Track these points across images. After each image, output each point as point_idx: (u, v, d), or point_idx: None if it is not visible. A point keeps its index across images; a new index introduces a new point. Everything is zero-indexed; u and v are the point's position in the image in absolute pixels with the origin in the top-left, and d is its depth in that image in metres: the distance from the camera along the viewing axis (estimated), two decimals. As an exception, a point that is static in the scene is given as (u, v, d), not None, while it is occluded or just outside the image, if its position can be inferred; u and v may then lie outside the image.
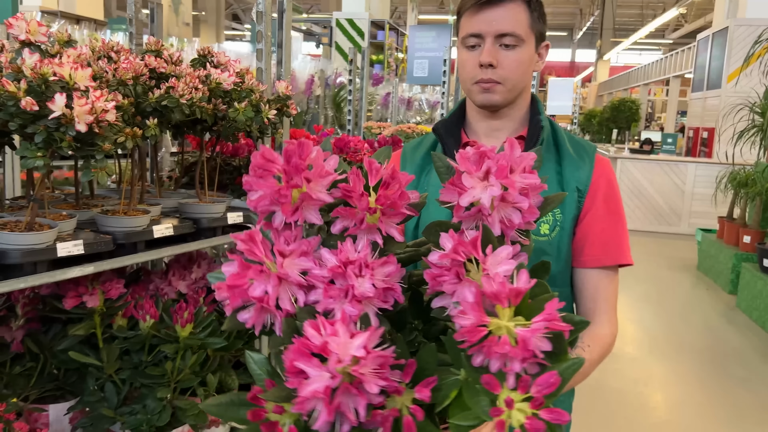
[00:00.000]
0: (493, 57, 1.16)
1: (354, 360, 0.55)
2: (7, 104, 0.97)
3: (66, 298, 1.37)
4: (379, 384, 0.57)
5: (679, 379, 4.03)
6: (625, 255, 1.25)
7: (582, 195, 1.22)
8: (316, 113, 4.59)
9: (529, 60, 1.20)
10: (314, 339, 0.57)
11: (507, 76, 1.18)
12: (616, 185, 1.27)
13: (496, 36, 1.16)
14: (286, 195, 0.64)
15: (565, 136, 1.27)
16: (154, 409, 1.46)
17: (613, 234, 1.23)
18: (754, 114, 5.37)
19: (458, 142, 1.28)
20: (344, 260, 0.65)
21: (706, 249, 6.54)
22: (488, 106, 1.23)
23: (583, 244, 1.22)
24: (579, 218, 1.23)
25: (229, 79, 1.41)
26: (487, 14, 1.16)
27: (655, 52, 26.52)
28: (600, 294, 1.23)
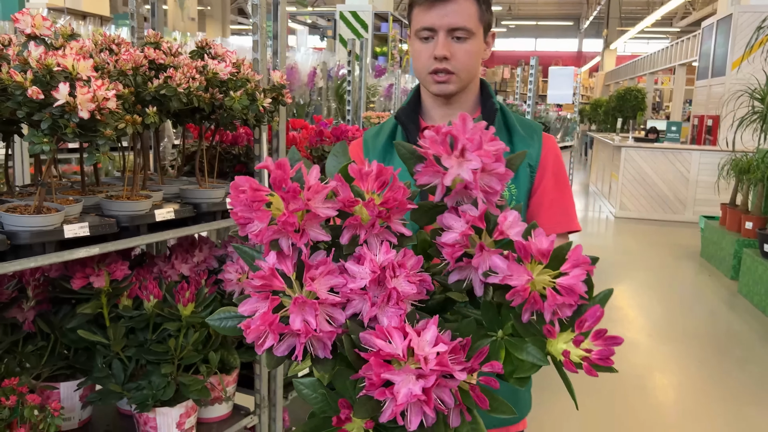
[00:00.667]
0: (447, 49, 1.25)
1: (437, 355, 0.59)
2: (15, 93, 1.05)
3: (74, 279, 1.45)
4: (461, 369, 0.61)
5: (679, 361, 4.08)
6: (574, 222, 1.36)
7: (533, 170, 1.33)
8: (319, 105, 4.65)
9: (478, 50, 1.30)
10: (389, 348, 0.59)
11: (460, 66, 1.27)
12: (562, 160, 1.38)
13: (449, 30, 1.25)
14: (292, 222, 0.64)
15: (514, 117, 1.38)
16: (159, 385, 1.54)
17: (562, 204, 1.35)
18: (755, 100, 5.38)
19: (418, 128, 1.37)
20: (376, 268, 0.66)
21: (709, 236, 6.57)
22: (443, 95, 1.32)
23: (536, 214, 1.33)
24: (532, 191, 1.34)
25: (225, 69, 1.48)
26: (439, 9, 1.24)
27: (662, 40, 26.35)
28: None
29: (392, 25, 8.93)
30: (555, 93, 4.88)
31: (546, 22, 29.83)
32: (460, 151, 0.71)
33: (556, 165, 1.35)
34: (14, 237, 1.18)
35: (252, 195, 0.65)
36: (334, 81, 4.73)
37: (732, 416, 3.37)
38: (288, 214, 0.64)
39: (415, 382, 0.58)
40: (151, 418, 1.55)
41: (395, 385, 0.59)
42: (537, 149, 1.34)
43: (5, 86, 1.07)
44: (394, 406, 0.58)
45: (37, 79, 1.06)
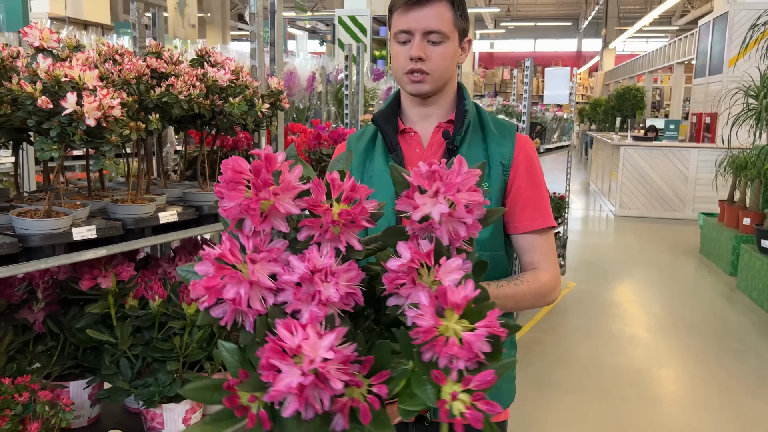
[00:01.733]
0: (422, 51, 1.31)
1: (323, 360, 0.64)
2: (26, 103, 1.11)
3: (82, 280, 1.51)
4: (343, 379, 0.65)
5: (678, 355, 4.13)
6: (549, 219, 1.41)
7: (506, 168, 1.38)
8: (319, 109, 4.72)
9: (453, 53, 1.35)
10: (288, 340, 0.64)
11: (434, 68, 1.33)
12: (536, 158, 1.43)
13: (424, 33, 1.31)
14: (255, 208, 0.70)
15: (490, 118, 1.44)
16: (164, 382, 1.60)
17: (537, 202, 1.39)
18: (749, 98, 5.43)
19: (395, 129, 1.43)
20: (312, 268, 0.71)
21: (708, 232, 6.61)
22: (419, 95, 1.38)
23: (512, 212, 1.39)
24: (507, 190, 1.39)
25: (224, 77, 1.54)
26: (415, 13, 1.31)
27: (662, 39, 26.40)
28: (537, 251, 1.40)
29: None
30: (551, 93, 4.94)
31: (545, 23, 29.89)
32: (434, 192, 0.75)
33: (529, 163, 1.40)
34: (25, 240, 1.24)
35: (232, 175, 0.71)
36: (333, 85, 4.79)
37: (730, 408, 3.42)
38: (254, 200, 0.70)
39: (297, 377, 0.63)
40: (158, 414, 1.60)
41: (281, 374, 0.63)
42: (510, 148, 1.39)
43: (16, 96, 1.14)
44: (273, 391, 0.63)
45: (46, 89, 1.12)
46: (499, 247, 1.41)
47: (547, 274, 1.38)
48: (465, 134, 1.39)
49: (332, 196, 0.74)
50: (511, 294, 1.31)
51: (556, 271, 1.40)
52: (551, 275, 1.39)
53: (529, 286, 1.33)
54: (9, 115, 1.15)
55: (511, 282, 1.33)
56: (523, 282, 1.33)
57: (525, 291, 1.33)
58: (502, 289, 1.30)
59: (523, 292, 1.32)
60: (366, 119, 3.37)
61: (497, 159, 1.38)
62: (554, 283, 1.39)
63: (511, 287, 1.31)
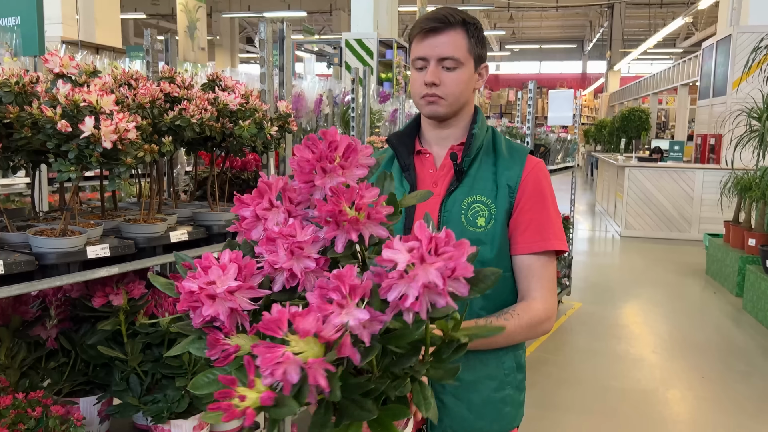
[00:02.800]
0: (436, 77, 1.36)
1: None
2: (46, 127, 1.16)
3: (95, 298, 1.55)
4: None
5: (684, 376, 4.12)
6: (550, 242, 1.38)
7: (513, 191, 1.40)
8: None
9: (467, 79, 1.39)
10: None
11: (448, 92, 1.38)
12: (546, 182, 1.43)
13: (439, 59, 1.36)
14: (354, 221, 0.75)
15: (503, 142, 1.47)
16: (173, 398, 1.63)
17: (539, 224, 1.38)
18: (752, 119, 5.47)
19: (410, 150, 1.48)
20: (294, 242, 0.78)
21: (714, 253, 6.61)
22: (434, 117, 1.43)
23: (514, 233, 1.40)
24: (512, 212, 1.40)
25: (234, 101, 1.59)
26: (431, 40, 1.36)
27: (666, 61, 26.55)
28: (533, 276, 1.38)
29: (396, 51, 9.11)
30: (555, 115, 4.99)
31: (550, 45, 30.13)
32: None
33: (537, 186, 1.41)
34: (42, 258, 1.29)
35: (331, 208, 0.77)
36: (340, 107, 4.86)
37: (736, 430, 3.40)
38: (355, 219, 0.77)
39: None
40: (166, 430, 1.63)
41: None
42: (518, 171, 1.41)
43: (36, 120, 1.19)
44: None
45: (65, 113, 1.17)
46: (505, 268, 1.40)
47: (539, 304, 1.37)
48: (476, 156, 1.42)
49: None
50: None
51: (550, 301, 1.39)
52: (544, 305, 1.37)
53: (519, 319, 1.33)
54: (29, 138, 1.20)
55: (500, 317, 1.33)
56: (513, 316, 1.33)
57: (515, 325, 1.32)
58: (491, 326, 1.29)
59: (513, 326, 1.32)
60: (372, 140, 3.42)
61: (504, 181, 1.40)
62: (547, 313, 1.37)
63: (500, 323, 1.31)
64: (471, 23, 1.38)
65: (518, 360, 1.47)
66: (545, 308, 1.37)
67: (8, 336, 1.54)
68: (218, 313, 0.76)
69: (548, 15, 22.76)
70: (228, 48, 21.18)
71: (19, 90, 1.21)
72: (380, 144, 3.31)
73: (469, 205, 1.38)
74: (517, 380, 1.47)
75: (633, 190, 8.96)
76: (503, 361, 1.43)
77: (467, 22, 1.37)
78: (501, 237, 1.39)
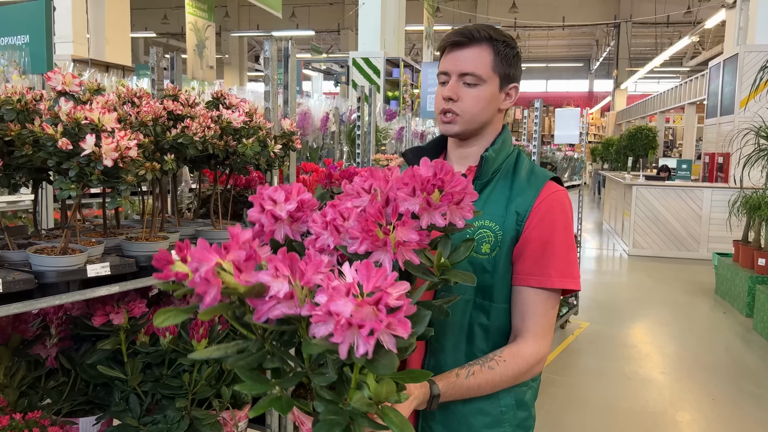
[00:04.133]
0: (454, 92, 1.32)
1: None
2: (47, 144, 1.15)
3: (95, 316, 1.53)
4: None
5: (692, 398, 4.05)
6: (550, 279, 1.28)
7: (521, 218, 1.30)
8: (332, 148, 4.79)
9: (489, 98, 1.33)
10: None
11: (465, 109, 1.33)
12: (559, 212, 1.32)
13: (459, 74, 1.32)
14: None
15: (524, 166, 1.38)
16: (173, 419, 1.60)
17: (542, 257, 1.28)
18: (761, 138, 5.44)
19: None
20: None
21: (723, 273, 6.55)
22: (449, 135, 1.39)
23: (516, 263, 1.31)
24: (518, 239, 1.30)
25: (238, 119, 1.58)
26: (454, 55, 1.33)
27: (673, 80, 26.58)
28: (529, 312, 1.29)
29: (403, 70, 9.16)
30: (562, 134, 4.98)
31: (556, 64, 30.25)
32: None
33: (548, 216, 1.30)
34: (41, 276, 1.27)
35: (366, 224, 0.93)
36: (347, 125, 4.87)
37: (748, 455, 3.33)
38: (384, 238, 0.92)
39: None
40: (166, 452, 1.60)
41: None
42: (530, 198, 1.31)
43: (37, 138, 1.18)
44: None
45: (66, 131, 1.16)
46: (505, 299, 1.32)
47: (530, 347, 1.27)
48: (491, 180, 1.35)
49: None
50: (484, 382, 1.23)
51: (542, 343, 1.29)
52: (535, 348, 1.28)
53: (505, 366, 1.25)
54: (30, 156, 1.20)
55: (485, 365, 1.25)
56: (499, 363, 1.25)
57: (501, 374, 1.24)
58: (473, 378, 1.22)
59: (499, 376, 1.24)
60: (377, 158, 3.42)
61: (513, 207, 1.31)
62: (536, 357, 1.28)
63: (485, 372, 1.23)
64: (500, 40, 1.32)
65: (519, 397, 1.35)
66: (535, 352, 1.27)
67: (7, 355, 1.52)
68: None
69: (555, 34, 22.88)
70: (236, 66, 21.38)
71: (21, 107, 1.20)
72: (386, 161, 3.30)
73: (475, 230, 1.30)
74: (517, 419, 1.35)
75: (641, 209, 8.92)
76: (499, 398, 1.32)
77: (495, 39, 1.32)
78: (504, 265, 1.30)
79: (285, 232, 0.99)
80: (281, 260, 0.79)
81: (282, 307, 0.78)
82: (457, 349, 1.31)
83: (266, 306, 0.78)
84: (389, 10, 8.95)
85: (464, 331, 1.31)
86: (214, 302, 0.76)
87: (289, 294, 0.78)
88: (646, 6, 19.16)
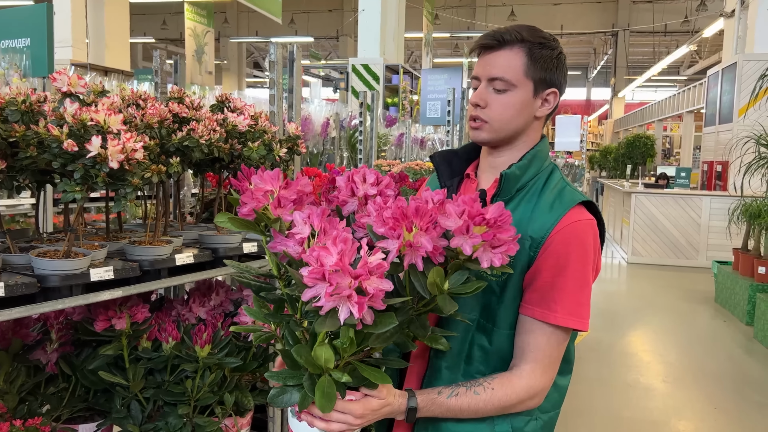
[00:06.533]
0: (482, 98, 1.25)
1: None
2: (52, 146, 1.13)
3: (97, 321, 1.51)
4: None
5: (695, 407, 4.03)
6: (555, 314, 1.19)
7: (537, 244, 1.20)
8: (332, 154, 4.78)
9: (520, 104, 1.24)
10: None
11: (493, 116, 1.25)
12: (576, 245, 1.20)
13: (489, 79, 1.24)
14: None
15: (554, 186, 1.27)
16: (175, 426, 1.58)
17: (549, 290, 1.19)
18: (761, 146, 5.45)
19: (456, 172, 1.38)
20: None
21: (723, 281, 6.53)
22: (478, 143, 1.32)
23: (525, 290, 1.23)
24: (530, 267, 1.21)
25: (244, 122, 1.57)
26: (485, 59, 1.26)
27: (670, 88, 26.68)
28: (529, 344, 1.22)
29: (403, 77, 9.16)
30: (562, 140, 4.97)
31: (554, 72, 30.34)
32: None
33: (564, 246, 1.19)
34: (44, 280, 1.25)
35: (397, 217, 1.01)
36: (347, 131, 4.86)
37: (751, 464, 3.31)
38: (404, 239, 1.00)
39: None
40: (167, 459, 1.58)
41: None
42: (549, 224, 1.20)
43: (42, 139, 1.16)
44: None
45: (72, 132, 1.14)
46: (509, 325, 1.25)
47: (524, 380, 1.20)
48: (515, 196, 1.26)
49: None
50: (467, 405, 1.18)
51: (540, 379, 1.21)
52: (529, 381, 1.20)
53: (491, 394, 1.18)
54: (35, 158, 1.18)
55: (471, 389, 1.18)
56: (486, 389, 1.18)
57: (486, 401, 1.18)
58: (456, 399, 1.17)
59: (483, 402, 1.18)
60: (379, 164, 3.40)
61: (530, 233, 1.21)
62: (529, 391, 1.20)
63: (469, 396, 1.18)
64: (535, 42, 1.23)
65: (517, 425, 1.26)
66: (529, 386, 1.20)
67: (8, 360, 1.50)
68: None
69: (553, 42, 22.91)
70: (235, 72, 21.38)
71: (26, 109, 1.19)
72: (387, 167, 3.29)
73: None
74: None
75: (640, 217, 8.91)
76: (494, 422, 1.24)
77: (528, 41, 1.23)
78: (512, 290, 1.22)
79: (354, 208, 1.10)
80: (319, 215, 0.93)
81: (291, 246, 0.93)
82: (455, 369, 1.27)
83: (282, 241, 0.95)
84: (389, 17, 8.97)
85: (464, 351, 1.27)
86: (247, 215, 0.98)
87: (302, 240, 0.93)
88: (643, 15, 19.24)
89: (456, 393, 1.18)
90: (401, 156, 5.77)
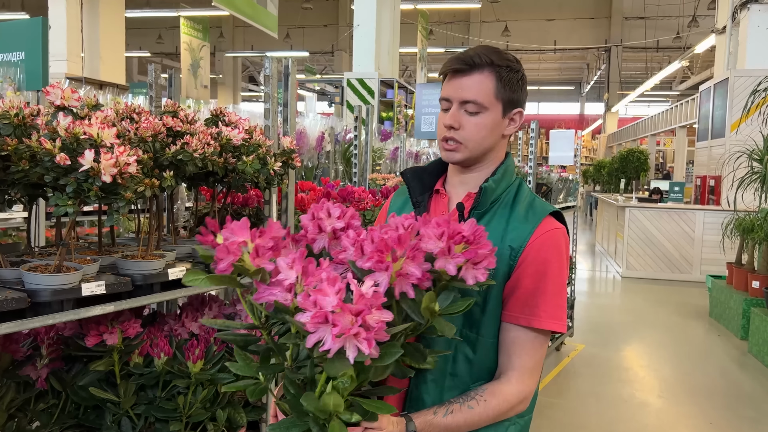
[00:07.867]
0: (456, 120, 1.29)
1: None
2: (44, 160, 1.13)
3: (88, 336, 1.49)
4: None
5: (690, 422, 4.01)
6: (540, 319, 1.24)
7: (515, 253, 1.25)
8: (327, 167, 4.78)
9: (491, 125, 1.30)
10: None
11: (467, 137, 1.30)
12: (554, 251, 1.27)
13: (461, 102, 1.29)
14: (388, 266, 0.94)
15: (524, 199, 1.34)
16: (166, 443, 1.55)
17: (532, 296, 1.24)
18: (753, 161, 5.48)
19: (425, 187, 1.41)
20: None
21: (717, 295, 6.54)
22: (451, 162, 1.36)
23: (506, 300, 1.27)
24: (510, 276, 1.26)
25: (238, 136, 1.56)
26: (456, 81, 1.30)
27: (663, 103, 26.87)
28: (515, 351, 1.26)
29: (397, 91, 9.20)
30: (556, 155, 4.99)
31: (548, 87, 30.56)
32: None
33: (542, 254, 1.25)
34: (35, 295, 1.24)
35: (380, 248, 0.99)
36: (342, 145, 4.86)
37: (747, 480, 3.29)
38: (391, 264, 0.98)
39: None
40: (158, 477, 1.55)
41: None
42: (526, 233, 1.26)
43: (35, 153, 1.16)
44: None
45: (64, 146, 1.14)
46: (492, 334, 1.28)
47: (513, 387, 1.24)
48: (488, 210, 1.31)
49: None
50: (463, 421, 1.20)
51: (527, 382, 1.25)
52: (519, 387, 1.24)
53: (485, 406, 1.21)
54: (27, 171, 1.17)
55: (465, 404, 1.21)
56: (479, 402, 1.22)
57: (480, 413, 1.21)
58: (452, 416, 1.19)
59: (478, 415, 1.21)
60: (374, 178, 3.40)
61: (508, 242, 1.26)
62: (518, 397, 1.24)
63: (464, 411, 1.20)
64: (503, 65, 1.29)
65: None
66: (518, 391, 1.24)
67: (-4, 376, 1.48)
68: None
69: (546, 57, 23.14)
70: (230, 86, 21.45)
71: (19, 122, 1.18)
72: (382, 181, 3.29)
73: None
74: None
75: (634, 231, 8.94)
76: None
77: (497, 65, 1.28)
78: (494, 299, 1.26)
79: (324, 244, 1.07)
80: (299, 258, 0.90)
81: (279, 294, 0.89)
82: (440, 381, 1.28)
83: (267, 290, 0.90)
84: (384, 32, 9.02)
85: (448, 362, 1.28)
86: (225, 270, 0.89)
87: (290, 286, 0.89)
88: (636, 31, 19.43)
89: (451, 411, 1.20)
90: (396, 170, 5.78)
